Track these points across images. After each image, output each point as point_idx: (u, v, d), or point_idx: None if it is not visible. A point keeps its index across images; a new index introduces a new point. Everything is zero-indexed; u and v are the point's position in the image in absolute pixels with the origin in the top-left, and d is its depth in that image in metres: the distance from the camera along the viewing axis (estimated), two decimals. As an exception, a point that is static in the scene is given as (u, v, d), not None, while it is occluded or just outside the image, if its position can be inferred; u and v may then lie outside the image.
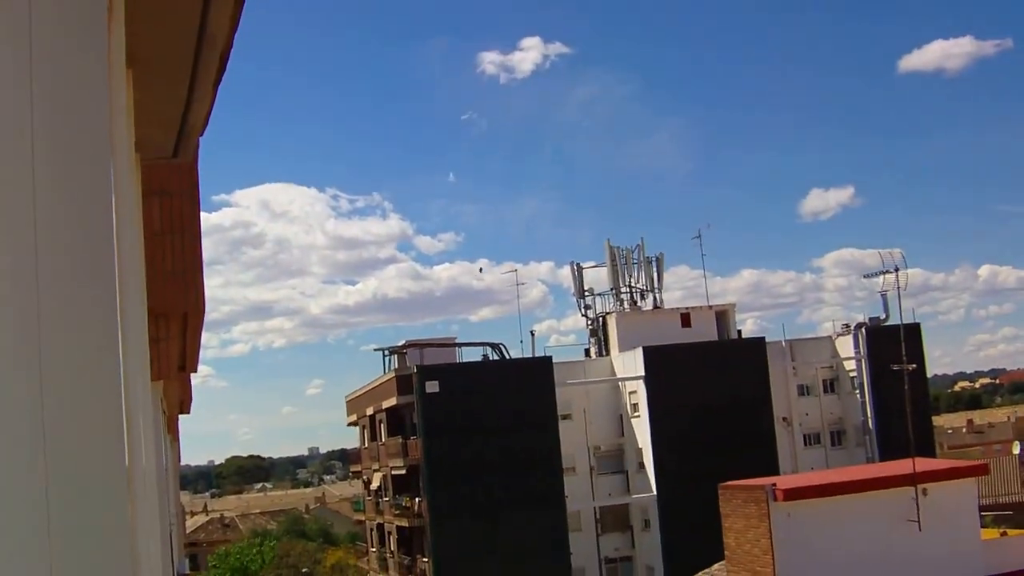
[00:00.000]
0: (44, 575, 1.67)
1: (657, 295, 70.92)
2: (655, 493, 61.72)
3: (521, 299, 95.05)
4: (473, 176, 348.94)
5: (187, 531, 79.29)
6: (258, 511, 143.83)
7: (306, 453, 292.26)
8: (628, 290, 70.92)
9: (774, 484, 25.61)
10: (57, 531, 1.73)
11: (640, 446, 64.12)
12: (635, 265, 71.18)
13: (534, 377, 60.73)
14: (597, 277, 72.75)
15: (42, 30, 1.88)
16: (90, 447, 1.82)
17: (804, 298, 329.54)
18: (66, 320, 1.82)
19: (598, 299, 71.60)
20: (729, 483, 27.38)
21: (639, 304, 70.59)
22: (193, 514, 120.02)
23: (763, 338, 67.04)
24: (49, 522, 1.70)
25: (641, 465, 63.98)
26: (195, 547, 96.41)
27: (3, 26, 1.80)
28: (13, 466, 1.63)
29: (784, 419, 66.09)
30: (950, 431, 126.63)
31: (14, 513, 1.60)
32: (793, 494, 25.14)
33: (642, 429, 63.65)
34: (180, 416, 16.95)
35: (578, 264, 72.22)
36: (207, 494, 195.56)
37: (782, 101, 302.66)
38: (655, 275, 71.21)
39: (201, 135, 4.31)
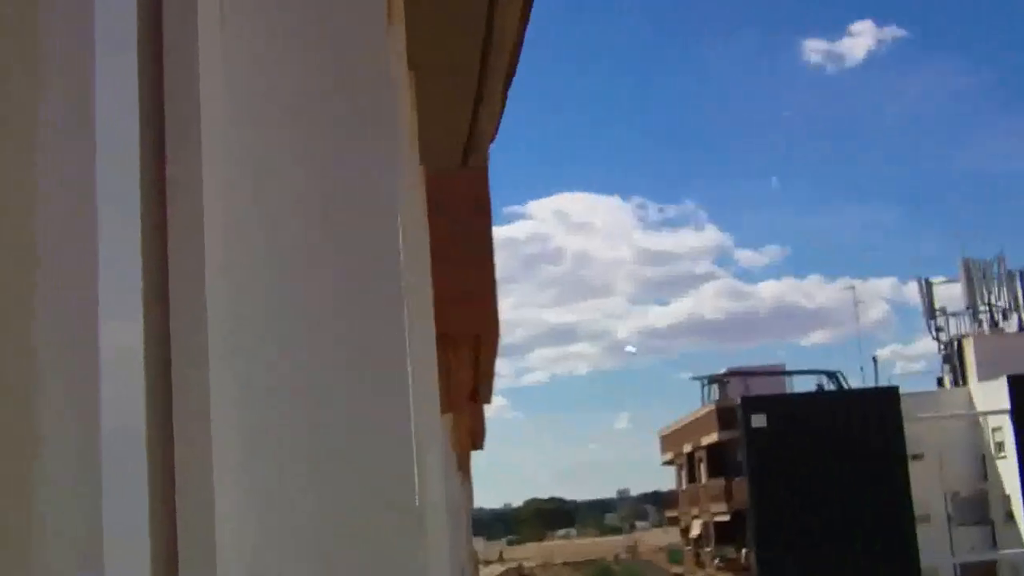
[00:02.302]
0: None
1: (1023, 315, 68.57)
2: (1028, 549, 59.50)
3: (859, 320, 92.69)
4: (799, 180, 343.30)
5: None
6: (561, 561, 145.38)
7: (614, 496, 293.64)
8: (987, 309, 68.85)
9: None
10: (347, 565, 1.85)
11: (1008, 492, 61.81)
12: (995, 280, 69.11)
13: (878, 410, 59.42)
14: (949, 295, 70.87)
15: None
16: (380, 480, 1.93)
17: None
18: (354, 346, 1.94)
19: (952, 320, 69.68)
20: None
21: (1001, 326, 68.38)
22: (488, 563, 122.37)
23: None
24: (336, 556, 1.81)
25: (1010, 514, 61.71)
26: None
27: (269, 36, 1.93)
28: (302, 496, 1.74)
29: None
30: None
31: (300, 548, 1.72)
32: None
33: (1009, 472, 61.32)
34: (472, 452, 17.36)
35: (927, 280, 70.66)
36: (503, 540, 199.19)
37: None
38: (1020, 292, 68.91)
39: (492, 142, 4.44)
